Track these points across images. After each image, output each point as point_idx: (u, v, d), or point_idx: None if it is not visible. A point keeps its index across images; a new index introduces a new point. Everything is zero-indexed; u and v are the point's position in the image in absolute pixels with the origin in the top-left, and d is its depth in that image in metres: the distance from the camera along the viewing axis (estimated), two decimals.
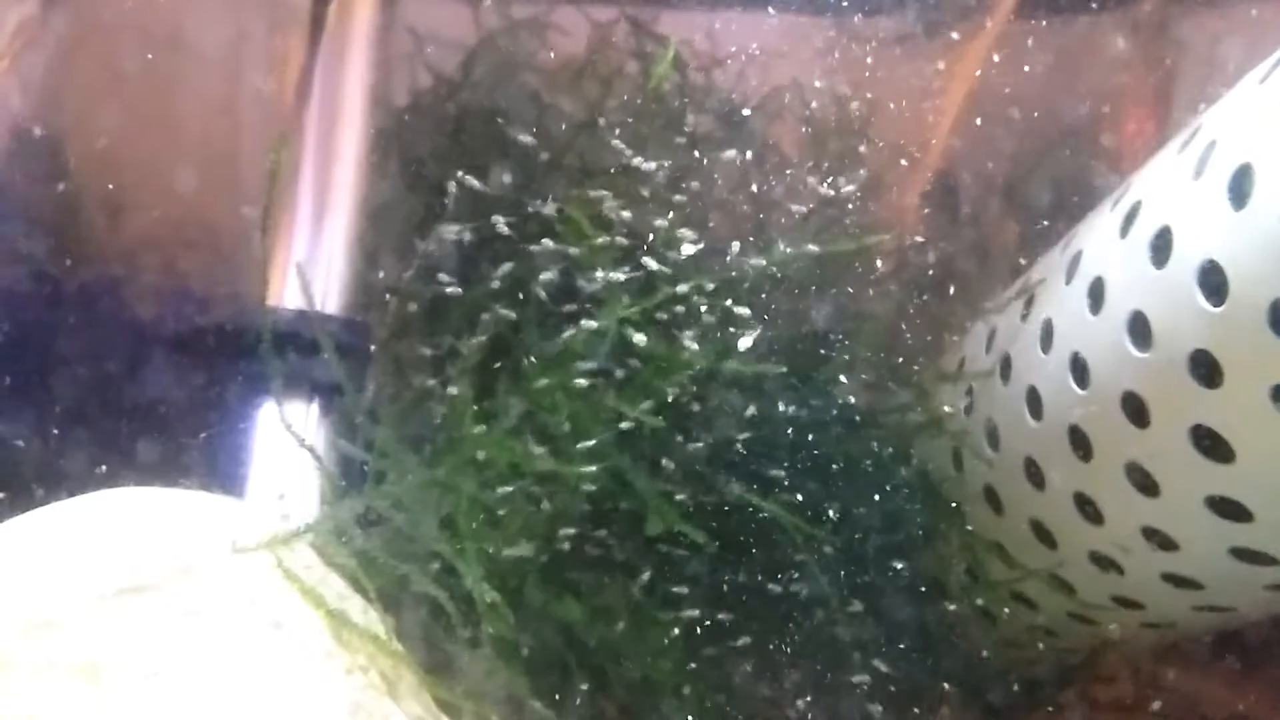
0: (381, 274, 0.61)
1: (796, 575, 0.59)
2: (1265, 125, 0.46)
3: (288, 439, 0.59)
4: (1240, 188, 0.47)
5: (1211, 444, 0.50)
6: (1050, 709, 0.71)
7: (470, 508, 0.47)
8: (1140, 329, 0.52)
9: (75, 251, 0.74)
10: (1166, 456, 0.53)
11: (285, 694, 0.36)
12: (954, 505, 0.65)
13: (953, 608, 0.64)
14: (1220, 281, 0.47)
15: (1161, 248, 0.51)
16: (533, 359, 0.50)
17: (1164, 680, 0.71)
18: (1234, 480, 0.50)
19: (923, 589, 0.65)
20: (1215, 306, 0.47)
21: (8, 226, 0.72)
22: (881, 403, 0.65)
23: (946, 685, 0.66)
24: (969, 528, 0.64)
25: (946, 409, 0.66)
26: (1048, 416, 0.59)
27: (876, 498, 0.64)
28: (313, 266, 0.67)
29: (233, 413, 0.67)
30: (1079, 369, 0.56)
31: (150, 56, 0.73)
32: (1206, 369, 0.48)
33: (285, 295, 0.70)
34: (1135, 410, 0.53)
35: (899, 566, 0.63)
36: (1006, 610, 0.68)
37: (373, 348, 0.65)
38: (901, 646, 0.64)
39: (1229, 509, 0.52)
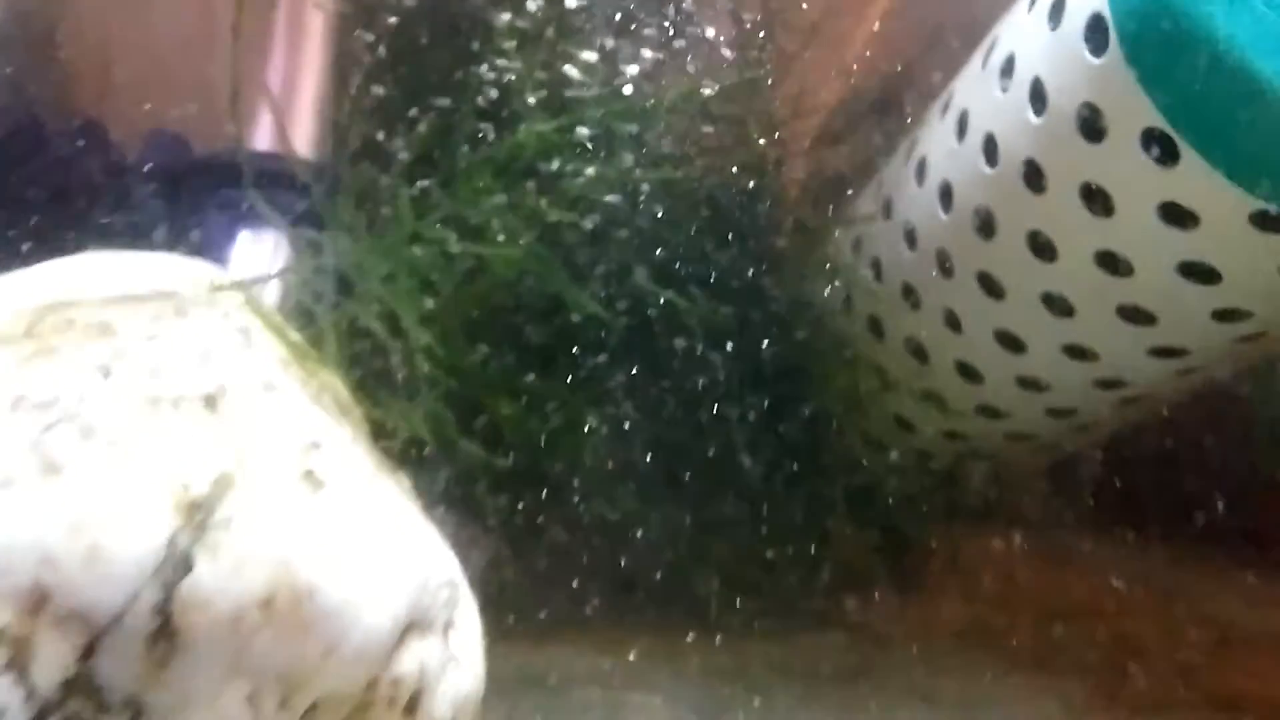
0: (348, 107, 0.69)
1: (698, 382, 0.68)
2: None
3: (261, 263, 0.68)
4: (1058, 14, 0.56)
5: (1043, 245, 0.60)
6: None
7: (408, 274, 0.55)
8: (990, 147, 0.62)
9: (66, 100, 0.82)
10: (1009, 262, 0.63)
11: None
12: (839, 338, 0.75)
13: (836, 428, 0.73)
14: (1043, 94, 0.57)
15: (1007, 71, 0.60)
16: (465, 163, 0.58)
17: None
18: (1057, 276, 0.60)
19: (811, 413, 0.74)
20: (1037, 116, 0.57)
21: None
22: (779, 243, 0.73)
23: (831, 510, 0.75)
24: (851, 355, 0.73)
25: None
26: (921, 242, 0.69)
27: (772, 329, 0.73)
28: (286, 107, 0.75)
29: (212, 239, 0.75)
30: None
31: None
32: (1035, 174, 0.58)
33: (260, 137, 0.78)
34: (984, 223, 0.63)
35: (789, 391, 0.72)
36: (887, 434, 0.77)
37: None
38: (793, 468, 0.73)
39: (1059, 306, 0.62)
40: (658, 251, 0.63)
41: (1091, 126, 0.55)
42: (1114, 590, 0.73)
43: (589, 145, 0.60)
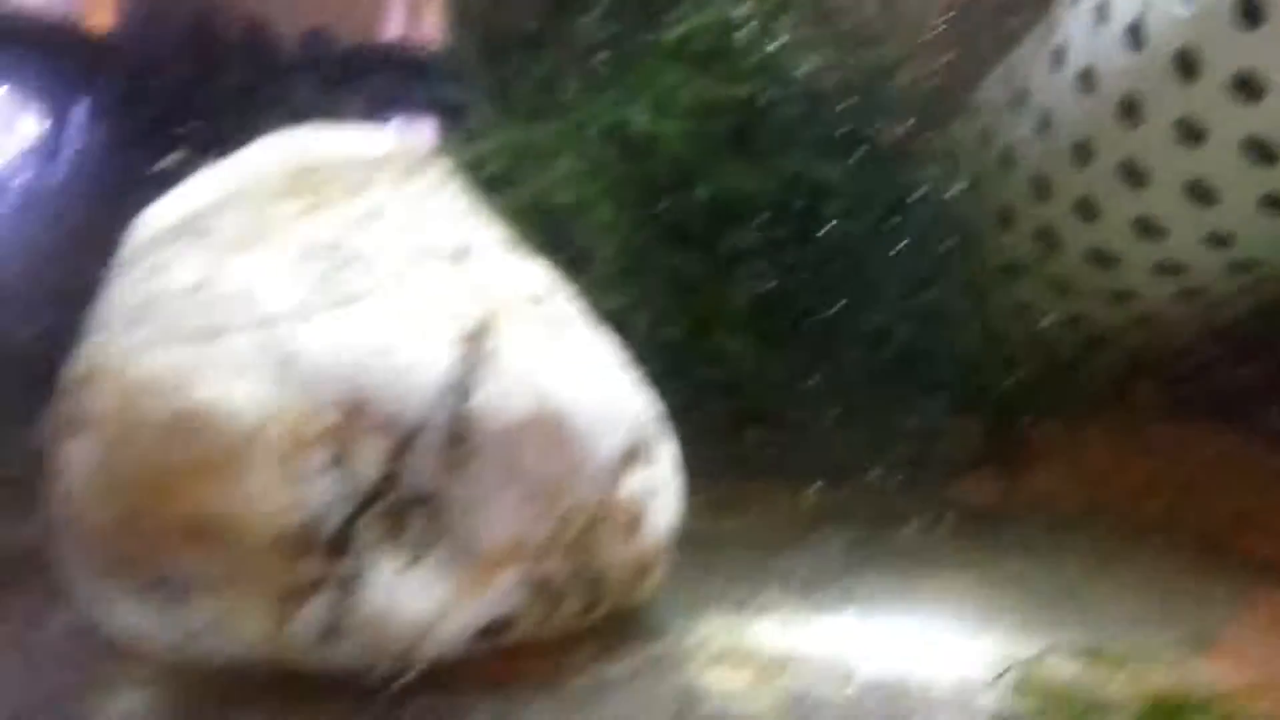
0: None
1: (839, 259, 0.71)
2: None
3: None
4: None
5: (1191, 132, 0.62)
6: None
7: (578, 157, 0.59)
8: (1137, 32, 0.63)
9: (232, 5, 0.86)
10: (1154, 149, 0.65)
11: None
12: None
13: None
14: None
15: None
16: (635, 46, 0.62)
17: None
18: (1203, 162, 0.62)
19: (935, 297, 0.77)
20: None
21: None
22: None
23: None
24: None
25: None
26: (1056, 129, 0.71)
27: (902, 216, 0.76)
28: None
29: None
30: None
31: None
32: (1188, 60, 0.60)
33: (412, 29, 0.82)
34: (1128, 109, 0.65)
35: (914, 274, 0.75)
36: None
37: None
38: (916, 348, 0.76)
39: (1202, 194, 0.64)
40: (809, 133, 0.66)
41: (1250, 8, 0.57)
42: (1229, 471, 0.76)
43: (750, 30, 0.62)
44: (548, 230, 0.60)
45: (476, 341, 0.39)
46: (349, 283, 0.38)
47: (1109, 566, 0.65)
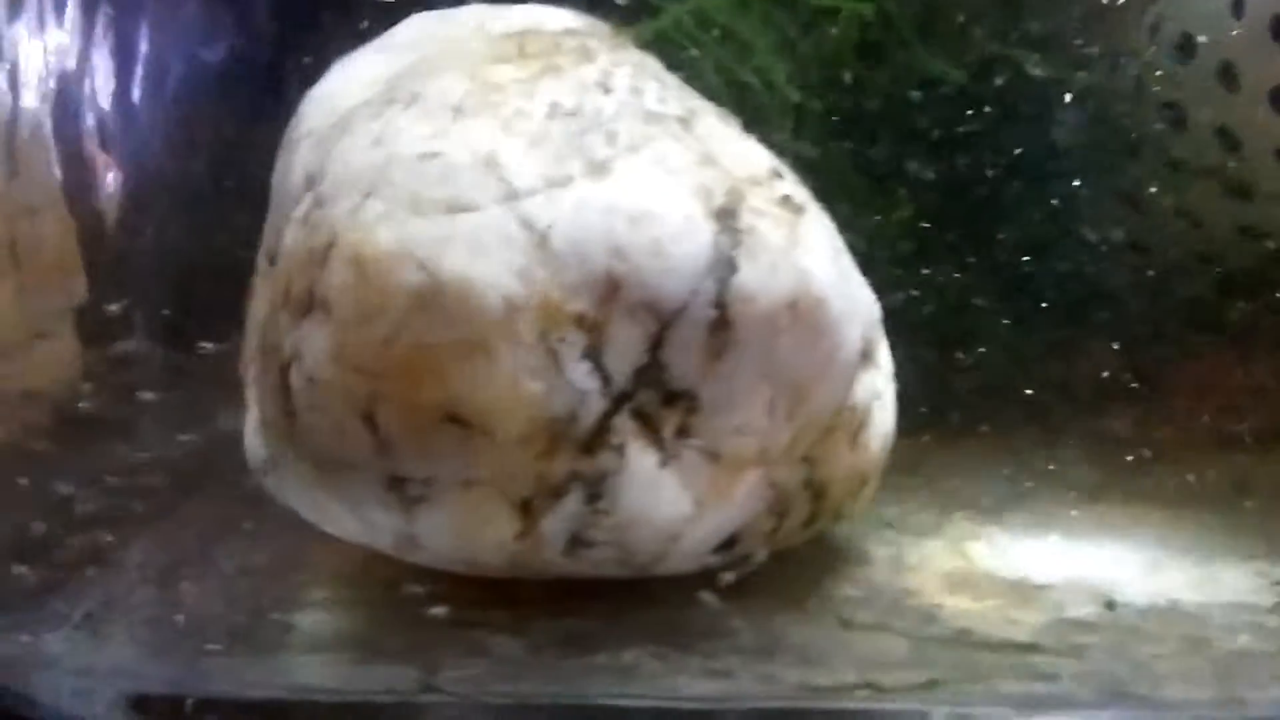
0: None
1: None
2: None
3: None
4: None
5: None
6: None
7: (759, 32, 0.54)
8: None
9: None
10: None
11: None
12: None
13: None
14: None
15: None
16: None
17: None
18: None
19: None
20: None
21: None
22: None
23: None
24: None
25: None
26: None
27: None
28: None
29: None
30: None
31: None
32: None
33: None
34: None
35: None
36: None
37: None
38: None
39: None
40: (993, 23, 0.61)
41: None
42: None
43: None
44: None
45: (730, 217, 0.35)
46: (593, 152, 0.34)
47: None
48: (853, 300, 0.39)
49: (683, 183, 0.34)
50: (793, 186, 0.40)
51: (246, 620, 0.38)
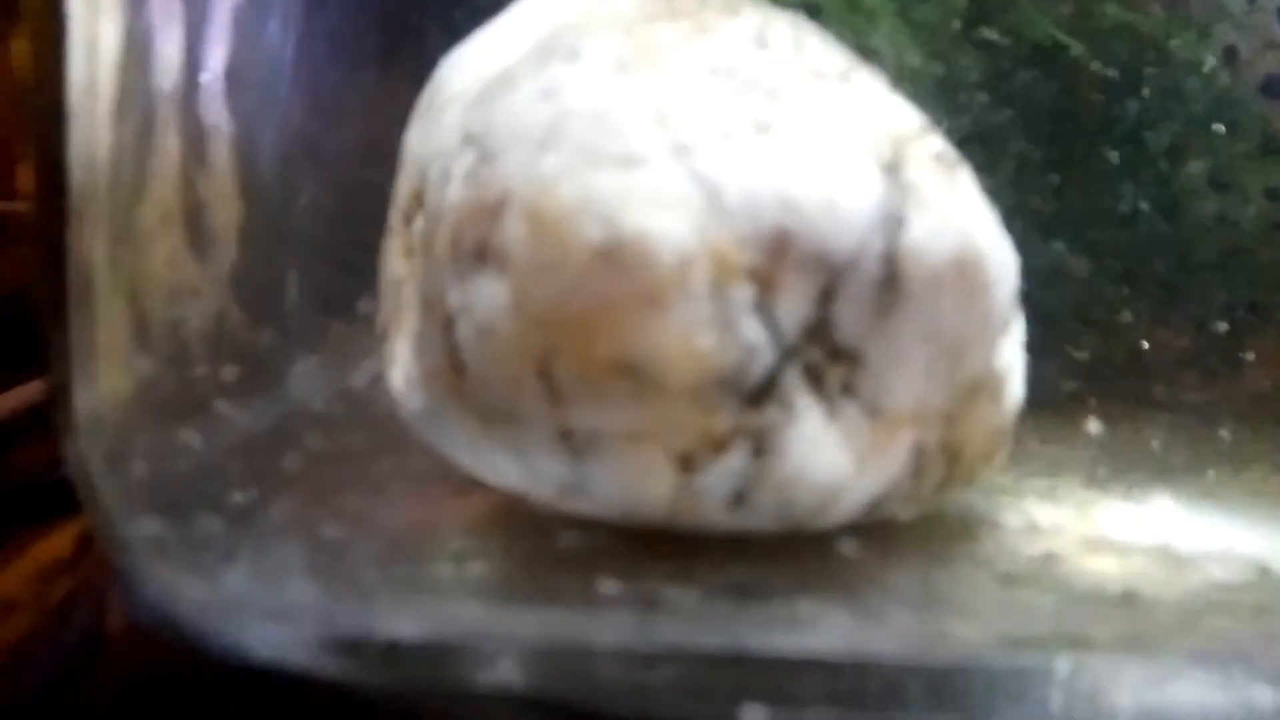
0: None
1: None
2: None
3: None
4: None
5: None
6: None
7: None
8: None
9: None
10: None
11: None
12: None
13: None
14: None
15: None
16: None
17: None
18: None
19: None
20: None
21: None
22: None
23: None
24: None
25: None
26: None
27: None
28: None
29: None
30: None
31: None
32: None
33: None
34: None
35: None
36: None
37: None
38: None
39: None
40: None
41: None
42: None
43: None
44: None
45: (896, 173, 0.35)
46: (758, 107, 0.34)
47: None
48: (1004, 263, 0.39)
49: (850, 138, 0.34)
50: (942, 144, 0.40)
51: (411, 569, 0.38)
